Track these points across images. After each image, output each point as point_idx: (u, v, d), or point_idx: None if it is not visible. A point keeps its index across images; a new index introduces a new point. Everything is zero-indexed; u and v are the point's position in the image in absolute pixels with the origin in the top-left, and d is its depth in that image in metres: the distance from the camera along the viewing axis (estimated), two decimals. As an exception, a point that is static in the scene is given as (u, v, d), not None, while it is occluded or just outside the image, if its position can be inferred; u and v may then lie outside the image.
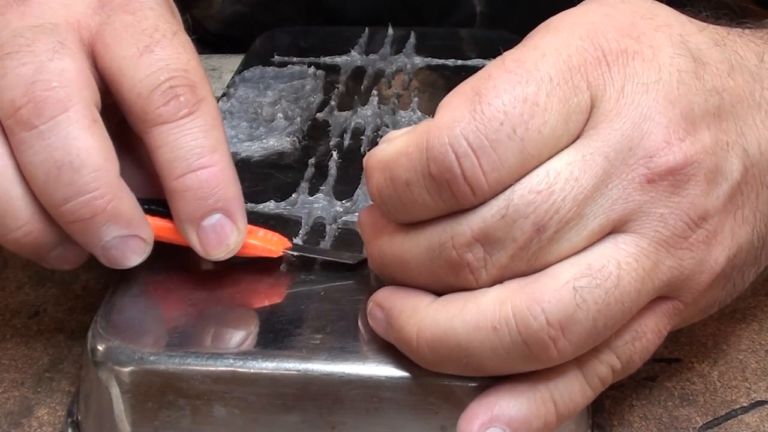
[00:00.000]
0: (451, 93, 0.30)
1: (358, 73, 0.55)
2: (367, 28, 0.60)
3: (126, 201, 0.35)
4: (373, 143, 0.47)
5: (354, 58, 0.57)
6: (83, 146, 0.34)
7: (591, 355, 0.31)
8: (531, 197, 0.29)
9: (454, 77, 0.54)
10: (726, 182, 0.31)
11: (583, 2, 0.33)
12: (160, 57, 0.36)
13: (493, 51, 0.55)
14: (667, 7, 0.33)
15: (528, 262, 0.30)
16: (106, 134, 0.35)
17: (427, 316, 0.31)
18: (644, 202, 0.29)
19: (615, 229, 0.30)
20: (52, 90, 0.34)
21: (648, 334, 0.31)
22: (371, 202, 0.41)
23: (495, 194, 0.29)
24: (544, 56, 0.30)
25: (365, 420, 0.33)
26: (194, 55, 0.37)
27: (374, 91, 0.52)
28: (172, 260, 0.38)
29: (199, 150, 0.35)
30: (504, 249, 0.29)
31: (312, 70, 0.54)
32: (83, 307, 0.45)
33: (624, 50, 0.30)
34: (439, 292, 0.31)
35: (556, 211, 0.29)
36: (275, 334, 0.34)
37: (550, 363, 0.30)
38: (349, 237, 0.40)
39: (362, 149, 0.46)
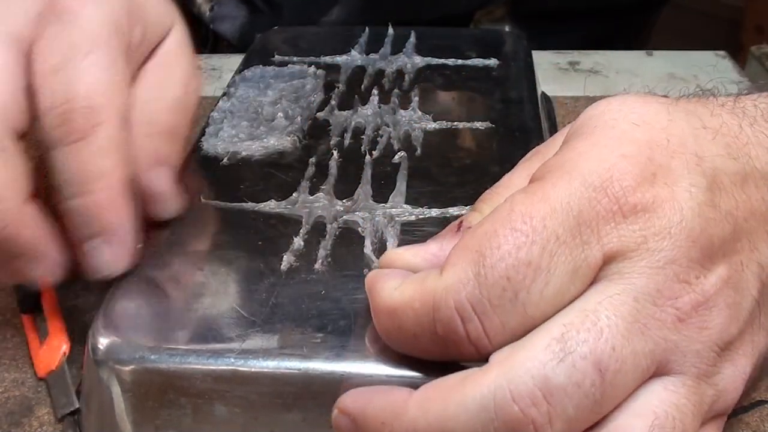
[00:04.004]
0: (457, 247, 0.30)
1: (359, 72, 0.55)
2: (367, 28, 0.60)
3: (28, 227, 0.36)
4: (374, 142, 0.47)
5: (354, 57, 0.57)
6: None
7: None
8: (582, 337, 0.28)
9: (454, 77, 0.54)
10: (745, 301, 0.31)
11: (597, 131, 0.32)
12: (65, 76, 0.36)
13: (493, 51, 0.56)
14: (679, 109, 0.32)
15: (592, 412, 0.28)
16: (13, 160, 0.35)
17: None
18: (680, 340, 0.29)
19: (658, 370, 0.29)
20: None
21: None
22: (371, 202, 0.42)
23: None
24: (553, 212, 0.29)
25: (366, 419, 0.33)
26: (107, 72, 0.37)
27: (374, 91, 0.52)
28: (173, 259, 0.38)
29: (85, 176, 0.36)
30: (568, 397, 0.27)
31: (312, 69, 0.54)
32: (83, 307, 0.44)
33: (641, 199, 0.30)
34: None
35: (612, 348, 0.28)
36: (276, 332, 0.34)
37: None
38: (349, 236, 0.40)
39: (362, 148, 0.46)
